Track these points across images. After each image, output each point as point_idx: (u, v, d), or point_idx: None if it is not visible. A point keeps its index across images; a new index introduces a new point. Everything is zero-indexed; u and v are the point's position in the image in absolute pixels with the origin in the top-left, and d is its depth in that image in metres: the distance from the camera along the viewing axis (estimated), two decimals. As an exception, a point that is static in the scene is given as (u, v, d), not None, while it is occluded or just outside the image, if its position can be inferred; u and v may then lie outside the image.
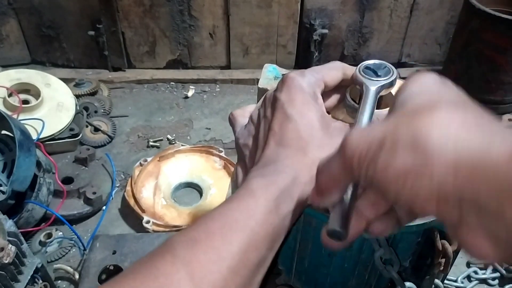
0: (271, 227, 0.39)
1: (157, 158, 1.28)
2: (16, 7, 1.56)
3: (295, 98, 0.46)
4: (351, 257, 0.61)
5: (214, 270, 0.34)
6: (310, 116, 0.44)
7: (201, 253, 0.35)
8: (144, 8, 1.55)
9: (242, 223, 0.37)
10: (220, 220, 0.37)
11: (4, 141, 1.11)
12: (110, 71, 1.67)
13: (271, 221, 0.39)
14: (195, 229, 0.37)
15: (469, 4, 1.34)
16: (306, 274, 0.69)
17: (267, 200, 0.39)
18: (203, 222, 0.38)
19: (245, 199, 0.39)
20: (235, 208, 0.38)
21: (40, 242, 1.06)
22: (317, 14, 1.59)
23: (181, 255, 0.34)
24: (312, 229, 0.62)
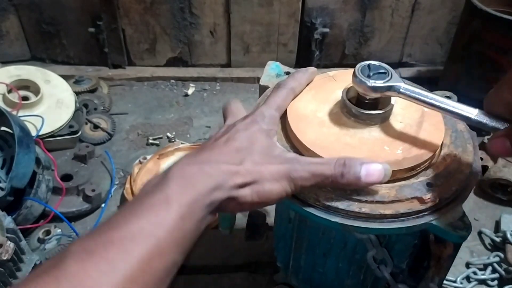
0: (182, 233, 0.38)
1: (156, 156, 1.27)
2: (16, 3, 1.56)
3: (251, 131, 0.50)
4: (345, 257, 0.61)
5: (104, 282, 0.33)
6: (256, 144, 0.48)
7: (92, 266, 0.33)
8: (144, 5, 1.55)
9: (147, 231, 0.36)
10: (123, 229, 0.36)
11: (3, 137, 1.11)
12: (110, 68, 1.67)
13: (182, 226, 0.38)
14: (94, 238, 0.36)
15: (471, 4, 1.34)
16: (303, 272, 0.70)
17: (181, 206, 0.38)
18: (105, 229, 0.36)
19: (156, 206, 0.38)
20: (144, 215, 0.37)
21: (38, 239, 1.06)
22: (318, 13, 1.58)
23: (69, 269, 0.33)
24: (307, 229, 0.62)
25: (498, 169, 1.15)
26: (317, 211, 0.50)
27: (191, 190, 0.39)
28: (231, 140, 0.47)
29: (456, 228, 0.48)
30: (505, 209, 1.17)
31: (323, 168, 0.47)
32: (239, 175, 0.44)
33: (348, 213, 0.49)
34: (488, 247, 1.09)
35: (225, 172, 0.43)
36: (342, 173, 0.46)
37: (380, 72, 0.51)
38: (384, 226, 0.49)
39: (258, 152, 0.47)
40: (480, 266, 1.04)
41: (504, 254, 1.04)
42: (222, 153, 0.45)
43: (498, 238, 1.08)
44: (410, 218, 0.49)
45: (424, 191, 0.50)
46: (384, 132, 0.54)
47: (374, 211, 0.48)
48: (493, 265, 1.03)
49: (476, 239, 1.11)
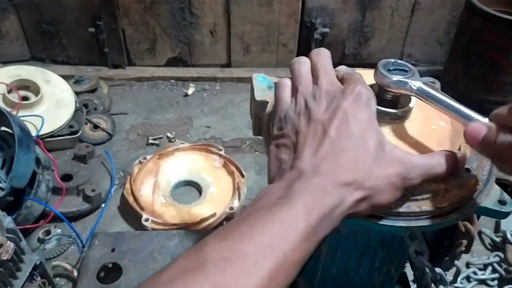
0: (305, 253, 0.38)
1: (156, 156, 1.27)
2: (16, 3, 1.56)
3: (361, 115, 0.44)
4: (381, 256, 0.62)
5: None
6: (369, 142, 0.43)
7: (232, 277, 0.34)
8: (144, 5, 1.55)
9: (277, 247, 0.36)
10: (256, 241, 0.36)
11: (3, 137, 1.11)
12: (110, 68, 1.67)
13: (306, 247, 0.38)
14: (231, 246, 0.36)
15: (471, 4, 1.34)
16: (332, 280, 0.69)
17: (308, 226, 0.38)
18: (238, 240, 0.37)
19: (286, 222, 0.38)
20: (274, 229, 0.37)
21: (38, 239, 1.06)
22: (318, 13, 1.58)
23: (212, 277, 0.34)
24: (342, 237, 0.62)
25: (498, 169, 1.15)
26: (379, 220, 0.49)
27: (317, 209, 0.39)
28: (344, 134, 0.43)
29: (502, 205, 0.50)
30: (505, 209, 1.17)
31: (436, 168, 0.45)
32: (357, 190, 0.41)
33: (410, 215, 0.49)
34: (488, 247, 1.09)
35: (344, 186, 0.41)
36: (453, 169, 0.46)
37: (402, 69, 0.52)
38: (445, 219, 0.49)
39: (372, 152, 0.43)
40: (480, 266, 1.04)
41: (504, 254, 1.04)
42: (338, 158, 0.42)
43: (498, 238, 1.08)
44: (463, 206, 0.50)
45: (467, 177, 0.51)
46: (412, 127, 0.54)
47: (432, 207, 0.49)
48: (493, 265, 1.03)
49: (476, 239, 1.11)
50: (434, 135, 0.53)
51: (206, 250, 0.36)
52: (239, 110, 1.55)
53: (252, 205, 0.41)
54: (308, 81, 0.50)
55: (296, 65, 0.52)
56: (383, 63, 0.52)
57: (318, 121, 0.45)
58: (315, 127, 0.44)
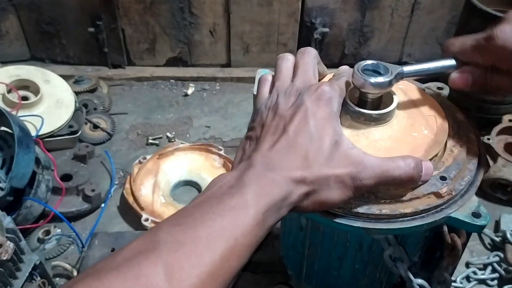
0: (255, 238, 0.40)
1: (156, 156, 1.27)
2: (15, 3, 1.56)
3: (320, 113, 0.45)
4: (361, 258, 0.61)
5: (193, 274, 0.35)
6: (324, 140, 0.44)
7: (184, 258, 0.36)
8: (144, 5, 1.55)
9: (228, 232, 0.38)
10: (209, 226, 0.38)
11: (3, 137, 1.11)
12: (109, 68, 1.67)
13: (256, 232, 0.40)
14: (183, 230, 0.38)
15: (471, 4, 1.34)
16: (317, 277, 0.69)
17: (257, 213, 0.40)
18: (191, 223, 0.38)
19: (236, 209, 0.39)
20: (225, 215, 0.39)
21: (38, 239, 1.06)
22: (318, 12, 1.58)
23: (165, 257, 0.35)
24: (320, 234, 0.61)
25: (497, 169, 1.15)
26: (337, 218, 0.49)
27: (266, 198, 0.41)
28: (300, 132, 0.44)
29: (474, 218, 0.49)
30: (504, 209, 1.17)
31: (392, 171, 0.45)
32: (305, 184, 0.43)
33: (369, 216, 0.49)
34: (488, 247, 1.09)
35: (293, 180, 0.43)
36: (412, 175, 0.46)
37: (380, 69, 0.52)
38: (406, 225, 0.49)
39: (325, 151, 0.44)
40: (480, 266, 1.04)
41: (503, 253, 1.04)
42: (291, 154, 0.44)
43: (497, 238, 1.08)
44: (429, 214, 0.50)
45: (439, 185, 0.50)
46: (391, 131, 0.54)
47: (394, 211, 0.49)
48: (493, 265, 1.03)
49: (475, 239, 1.11)
50: (411, 142, 0.53)
51: (160, 234, 0.38)
52: (239, 110, 1.55)
53: (204, 193, 0.43)
54: (286, 77, 0.52)
55: (279, 61, 0.54)
56: (360, 65, 0.52)
57: (281, 116, 0.46)
58: (278, 122, 0.46)
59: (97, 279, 0.34)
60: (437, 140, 0.53)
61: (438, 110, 0.58)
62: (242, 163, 0.45)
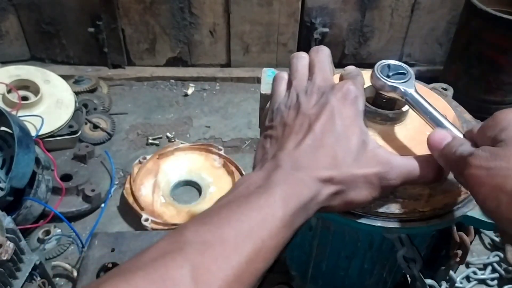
0: (282, 240, 0.39)
1: (156, 156, 1.27)
2: (16, 3, 1.56)
3: (346, 112, 0.45)
4: (371, 257, 0.61)
5: (220, 277, 0.35)
6: (351, 139, 0.44)
7: (211, 260, 0.35)
8: (144, 5, 1.55)
9: (255, 234, 0.37)
10: (236, 227, 0.37)
11: (3, 137, 1.11)
12: (109, 68, 1.67)
13: (283, 234, 0.39)
14: (211, 230, 0.37)
15: (470, 4, 1.34)
16: (323, 278, 0.69)
17: (285, 215, 0.39)
18: (217, 222, 0.38)
19: (264, 209, 0.39)
20: (253, 215, 0.38)
21: (38, 239, 1.06)
22: (318, 12, 1.58)
23: (192, 258, 0.35)
24: (330, 233, 0.61)
25: (497, 169, 1.15)
26: (357, 218, 0.49)
27: (295, 200, 0.40)
28: (327, 131, 0.43)
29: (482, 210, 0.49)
30: (504, 209, 1.17)
31: (418, 170, 0.45)
32: (333, 184, 0.42)
33: (389, 216, 0.48)
34: (488, 247, 1.09)
35: (321, 180, 0.42)
36: (437, 173, 0.45)
37: (400, 72, 0.52)
38: (425, 224, 0.49)
39: (353, 151, 0.43)
40: (480, 265, 1.04)
41: (503, 254, 1.04)
42: (318, 154, 0.43)
43: (497, 238, 1.08)
44: (447, 212, 0.49)
45: (455, 184, 0.50)
46: (406, 131, 0.54)
47: (413, 210, 0.49)
48: (493, 265, 1.03)
49: (476, 239, 1.11)
50: (425, 141, 0.53)
51: (187, 234, 0.37)
52: (239, 110, 1.55)
53: (231, 192, 0.42)
54: (303, 76, 0.51)
55: (295, 59, 0.53)
56: (380, 65, 0.52)
57: (305, 115, 0.45)
58: (302, 121, 0.45)
59: (124, 280, 0.34)
60: None
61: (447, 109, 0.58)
62: (268, 162, 0.44)
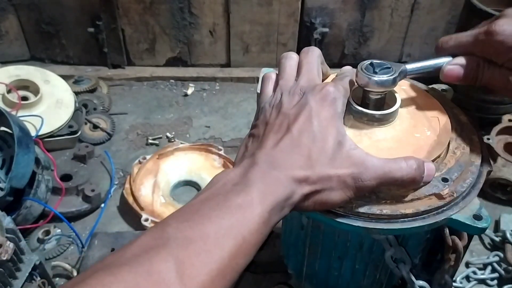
0: (261, 236, 0.40)
1: (156, 156, 1.27)
2: (15, 3, 1.56)
3: (324, 113, 0.45)
4: (362, 258, 0.61)
5: (204, 271, 0.36)
6: (328, 141, 0.44)
7: (194, 255, 0.36)
8: (144, 5, 1.55)
9: (236, 230, 0.38)
10: (216, 223, 0.38)
11: (2, 137, 1.11)
12: (109, 68, 1.67)
13: (262, 231, 0.40)
14: (192, 227, 0.38)
15: (470, 4, 1.34)
16: (317, 277, 0.69)
17: (263, 211, 0.40)
18: (199, 221, 0.38)
19: (243, 207, 0.40)
20: (232, 213, 0.39)
21: (38, 239, 1.06)
22: (318, 12, 1.58)
23: (175, 253, 0.36)
24: (321, 233, 0.61)
25: (497, 169, 1.15)
26: (338, 217, 0.49)
27: (271, 197, 0.41)
28: (304, 131, 0.44)
29: (476, 220, 0.49)
30: (504, 209, 1.17)
31: (394, 172, 0.45)
32: (307, 184, 0.43)
33: (370, 216, 0.49)
34: (488, 247, 1.09)
35: (295, 180, 0.43)
36: (414, 176, 0.46)
37: (384, 67, 0.52)
38: (406, 225, 0.49)
39: (328, 151, 0.44)
40: (480, 265, 1.04)
41: (503, 253, 1.04)
42: (294, 153, 0.44)
43: (497, 238, 1.08)
44: (430, 215, 0.50)
45: (441, 186, 0.50)
46: (394, 132, 0.54)
47: (395, 212, 0.49)
48: (493, 265, 1.03)
49: (475, 239, 1.11)
50: (413, 143, 0.53)
51: (168, 230, 0.38)
52: (239, 110, 1.55)
53: (208, 189, 0.43)
54: (290, 76, 0.52)
55: (283, 59, 0.54)
56: (364, 64, 0.52)
57: (285, 115, 0.46)
58: (281, 121, 0.46)
59: (110, 274, 0.34)
60: (439, 141, 0.53)
61: (441, 111, 0.58)
62: (245, 160, 0.45)
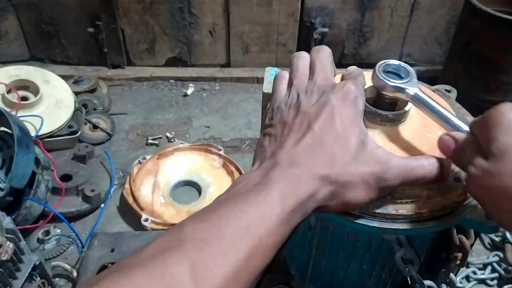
0: (280, 238, 0.39)
1: (156, 156, 1.27)
2: (15, 4, 1.56)
3: (346, 112, 0.45)
4: (369, 259, 0.61)
5: (219, 274, 0.35)
6: (350, 139, 0.44)
7: (209, 257, 0.35)
8: (144, 5, 1.55)
9: (253, 231, 0.37)
10: (234, 223, 0.37)
11: (2, 138, 1.11)
12: (109, 68, 1.67)
13: (281, 232, 0.39)
14: (209, 228, 0.37)
15: (470, 4, 1.34)
16: (322, 278, 0.69)
17: (283, 212, 0.39)
18: (216, 222, 0.38)
19: (262, 206, 0.39)
20: (250, 212, 0.38)
21: (38, 239, 1.06)
22: (318, 12, 1.58)
23: (190, 255, 0.35)
24: (329, 233, 0.61)
25: (497, 169, 1.15)
26: (353, 218, 0.49)
27: (292, 197, 0.40)
28: (327, 130, 0.43)
29: (488, 219, 0.49)
30: (504, 209, 1.17)
31: (416, 170, 0.44)
32: (330, 183, 0.42)
33: (386, 216, 0.48)
34: (488, 247, 1.09)
35: (318, 179, 0.42)
36: (436, 174, 0.45)
37: (399, 73, 0.52)
38: (422, 225, 0.49)
39: (351, 150, 0.43)
40: (480, 265, 1.04)
41: (503, 253, 1.04)
42: (317, 152, 0.43)
43: (497, 238, 1.08)
44: (444, 215, 0.49)
45: (454, 186, 0.50)
46: (406, 132, 0.53)
47: (410, 212, 0.48)
48: (493, 265, 1.03)
49: (475, 239, 1.11)
50: (426, 143, 0.53)
51: (185, 231, 0.37)
52: (239, 110, 1.55)
53: (229, 190, 0.42)
54: (303, 75, 0.51)
55: (295, 59, 0.53)
56: (381, 65, 0.52)
57: (305, 114, 0.45)
58: (301, 120, 0.45)
59: (123, 276, 0.33)
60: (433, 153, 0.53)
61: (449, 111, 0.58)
62: (266, 160, 0.44)
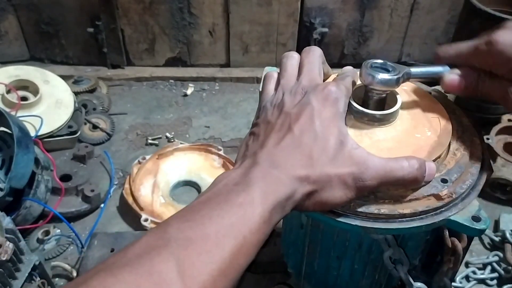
0: (262, 236, 0.40)
1: (155, 156, 1.27)
2: (15, 3, 1.56)
3: (325, 113, 0.45)
4: (360, 259, 0.61)
5: (205, 271, 0.36)
6: (329, 140, 0.44)
7: (195, 255, 0.36)
8: (143, 5, 1.55)
9: (236, 230, 0.38)
10: (217, 223, 0.38)
11: (2, 138, 1.11)
12: (109, 68, 1.67)
13: (263, 230, 0.40)
14: (192, 227, 0.38)
15: (470, 4, 1.34)
16: (316, 276, 0.69)
17: (264, 211, 0.40)
18: (200, 222, 0.38)
19: (244, 206, 0.40)
20: (233, 212, 0.39)
21: (37, 239, 1.06)
22: (317, 12, 1.58)
23: (176, 253, 0.36)
24: (320, 232, 0.61)
25: (497, 169, 1.15)
26: (335, 216, 0.49)
27: (272, 197, 0.41)
28: (306, 131, 0.44)
29: (474, 222, 0.49)
30: (504, 209, 1.17)
31: (395, 171, 0.45)
32: (308, 183, 0.43)
33: (368, 215, 0.49)
34: (487, 247, 1.09)
35: (297, 179, 0.43)
36: (416, 175, 0.46)
37: (388, 67, 0.52)
38: (404, 225, 0.49)
39: (329, 151, 0.44)
40: (479, 265, 1.04)
41: (503, 253, 1.04)
42: (296, 153, 0.44)
43: (497, 238, 1.08)
44: (428, 215, 0.50)
45: (440, 187, 0.50)
46: (394, 132, 0.54)
47: (393, 211, 0.49)
48: (492, 265, 1.03)
49: (475, 239, 1.11)
50: (413, 143, 0.53)
51: (169, 230, 0.38)
52: (239, 110, 1.55)
53: (210, 190, 0.43)
54: (291, 76, 0.52)
55: (284, 59, 0.54)
56: (369, 63, 0.53)
57: (287, 114, 0.46)
58: (283, 120, 0.46)
59: (111, 275, 0.34)
60: (440, 142, 0.53)
61: (442, 112, 0.58)
62: (247, 159, 0.45)
